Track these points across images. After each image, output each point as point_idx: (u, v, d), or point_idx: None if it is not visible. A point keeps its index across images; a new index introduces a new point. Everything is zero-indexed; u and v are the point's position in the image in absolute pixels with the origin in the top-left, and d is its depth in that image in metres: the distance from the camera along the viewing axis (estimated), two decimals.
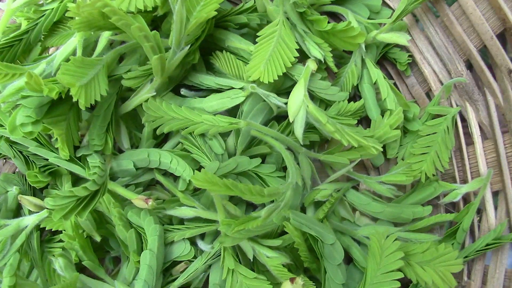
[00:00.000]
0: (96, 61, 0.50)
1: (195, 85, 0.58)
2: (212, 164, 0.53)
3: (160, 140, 0.59)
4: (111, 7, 0.44)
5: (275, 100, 0.54)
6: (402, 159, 0.59)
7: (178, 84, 0.58)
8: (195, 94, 0.58)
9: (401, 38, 0.55)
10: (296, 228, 0.51)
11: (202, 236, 0.56)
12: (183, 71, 0.57)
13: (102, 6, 0.44)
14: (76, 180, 0.56)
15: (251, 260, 0.53)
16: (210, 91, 0.57)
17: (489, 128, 0.56)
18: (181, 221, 0.56)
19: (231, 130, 0.55)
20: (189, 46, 0.52)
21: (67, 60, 0.50)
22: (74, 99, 0.45)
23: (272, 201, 0.49)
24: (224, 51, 0.57)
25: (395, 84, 0.63)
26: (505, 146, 0.55)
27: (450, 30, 0.58)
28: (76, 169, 0.52)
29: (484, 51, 0.56)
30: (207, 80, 0.57)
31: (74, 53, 0.54)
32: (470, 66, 0.58)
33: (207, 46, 0.59)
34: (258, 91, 0.54)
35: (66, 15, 0.50)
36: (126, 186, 0.56)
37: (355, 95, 0.62)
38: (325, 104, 0.59)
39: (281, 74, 0.53)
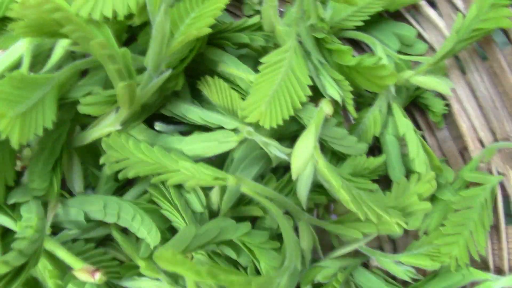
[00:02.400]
0: (43, 79, 0.37)
1: (175, 117, 0.45)
2: (186, 230, 0.40)
3: (124, 183, 0.46)
4: (63, 13, 0.32)
5: (276, 151, 0.42)
6: (425, 233, 0.47)
7: (154, 114, 0.45)
8: (174, 129, 0.45)
9: (442, 85, 0.44)
10: None
11: None
12: (161, 98, 0.44)
13: (51, 9, 0.32)
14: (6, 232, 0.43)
15: None
16: (194, 126, 0.45)
17: None
18: None
19: None
20: (170, 70, 0.39)
21: (2, 75, 0.37)
22: (3, 136, 0.32)
23: None
24: (215, 77, 0.44)
25: (423, 136, 0.51)
26: None
27: (500, 78, 0.46)
28: (4, 221, 0.39)
29: None
30: (191, 112, 0.44)
31: (19, 63, 0.40)
32: None
33: (195, 67, 0.46)
34: (255, 138, 0.41)
35: (8, 15, 0.37)
36: (74, 241, 0.43)
37: (372, 147, 0.50)
38: (336, 156, 0.47)
39: (287, 118, 0.41)
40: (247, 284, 0.34)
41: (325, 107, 0.43)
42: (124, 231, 0.44)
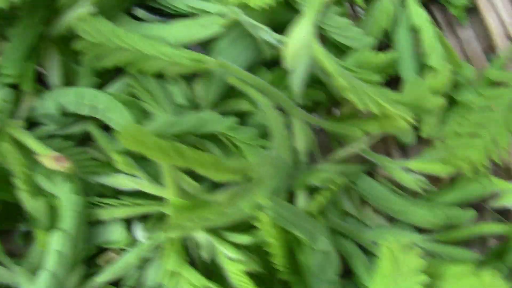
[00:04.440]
0: None
1: (160, 7, 0.41)
2: (161, 117, 0.36)
3: (108, 81, 0.42)
4: None
5: (267, 35, 0.38)
6: (442, 142, 0.42)
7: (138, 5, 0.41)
8: (159, 20, 0.41)
9: None
10: (274, 223, 0.34)
11: (145, 218, 0.40)
12: None
13: None
14: None
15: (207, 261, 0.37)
16: (180, 17, 0.41)
17: None
18: (117, 194, 0.40)
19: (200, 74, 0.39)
20: None
21: None
22: None
23: None
24: None
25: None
26: None
27: None
28: None
29: None
30: (177, 1, 0.40)
31: None
32: None
33: None
34: (243, 20, 0.37)
35: None
36: (50, 137, 0.40)
37: (386, 47, 0.44)
38: (341, 52, 0.42)
39: None
40: (218, 162, 0.30)
41: None
42: (106, 129, 0.41)
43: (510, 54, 0.41)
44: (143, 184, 0.38)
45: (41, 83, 0.41)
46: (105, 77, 0.41)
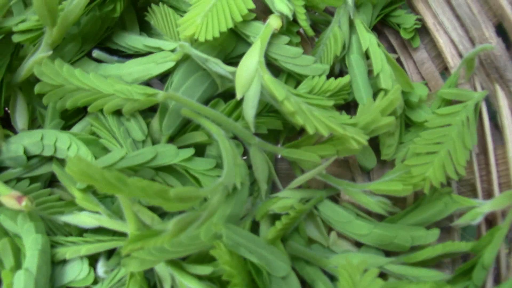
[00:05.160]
0: None
1: (121, 49, 0.43)
2: (116, 151, 0.37)
3: (73, 122, 0.43)
4: None
5: (216, 67, 0.39)
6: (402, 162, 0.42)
7: (98, 48, 0.43)
8: (117, 59, 0.42)
9: None
10: (231, 251, 0.35)
11: (110, 254, 0.40)
12: (105, 29, 0.42)
13: None
14: None
15: None
16: (139, 56, 0.42)
17: None
18: (83, 232, 0.41)
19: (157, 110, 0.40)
20: None
21: None
22: None
23: None
24: (160, 3, 0.42)
25: (398, 60, 0.46)
26: None
27: None
28: None
29: None
30: (135, 41, 0.42)
31: None
32: (502, 31, 0.40)
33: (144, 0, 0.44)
34: (191, 53, 0.38)
35: None
36: (18, 180, 0.41)
37: (341, 73, 0.45)
38: (295, 80, 0.43)
39: (225, 29, 0.38)
40: (164, 192, 0.30)
41: (273, 22, 0.40)
42: None
43: (461, 71, 0.42)
44: (104, 220, 0.38)
45: (11, 127, 0.43)
46: (72, 118, 0.43)
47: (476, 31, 0.41)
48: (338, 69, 0.44)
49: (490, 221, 0.41)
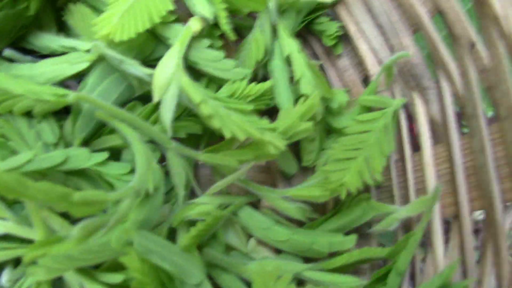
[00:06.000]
0: None
1: (36, 49, 0.41)
2: (25, 155, 0.35)
3: None
4: None
5: (132, 69, 0.38)
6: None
7: (11, 47, 0.41)
8: (30, 59, 0.41)
9: None
10: (143, 258, 0.33)
11: (18, 263, 0.38)
12: (19, 27, 0.40)
13: None
14: None
15: None
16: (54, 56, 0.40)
17: (443, 127, 0.39)
18: None
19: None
20: None
21: None
22: None
23: None
24: (78, 3, 0.41)
25: (321, 66, 0.47)
26: (462, 152, 0.38)
27: None
28: None
29: (440, 19, 0.40)
30: (50, 41, 0.40)
31: None
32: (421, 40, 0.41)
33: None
34: (106, 54, 0.37)
35: None
36: None
37: (265, 78, 0.45)
38: (217, 85, 0.42)
39: (142, 30, 0.37)
40: (66, 195, 0.29)
41: (193, 24, 0.39)
42: None
43: (381, 80, 0.42)
44: (11, 227, 0.37)
45: None
46: None
47: (394, 39, 0.41)
48: (262, 75, 0.44)
49: (408, 227, 0.41)
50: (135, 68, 0.37)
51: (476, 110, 0.37)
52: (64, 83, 0.40)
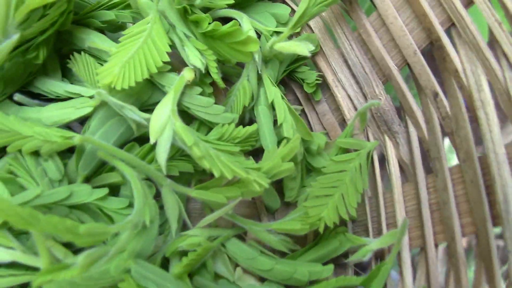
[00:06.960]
0: None
1: (43, 94, 0.45)
2: (31, 190, 0.39)
3: None
4: None
5: (131, 113, 0.42)
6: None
7: (20, 92, 0.45)
8: (38, 103, 0.45)
9: (301, 47, 0.44)
10: (139, 285, 0.37)
11: None
12: (27, 74, 0.45)
13: None
14: None
15: None
16: (59, 101, 0.45)
17: (411, 167, 0.44)
18: None
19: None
20: (19, 33, 0.40)
21: None
22: None
23: None
24: (82, 53, 0.45)
25: (303, 111, 0.51)
26: (428, 190, 0.42)
27: (368, 45, 0.46)
28: None
29: (408, 71, 0.45)
30: (57, 87, 0.45)
31: None
32: (391, 89, 0.46)
33: (65, 46, 0.47)
34: (108, 100, 0.41)
35: None
36: None
37: (251, 121, 0.49)
38: (207, 128, 0.46)
39: (141, 79, 0.41)
40: (73, 228, 0.33)
41: (186, 74, 0.43)
42: None
43: (356, 124, 0.47)
44: (18, 255, 0.40)
45: None
46: None
47: (368, 88, 0.46)
48: (248, 118, 0.48)
49: (381, 258, 0.45)
50: (134, 112, 0.42)
51: (439, 153, 0.41)
52: (68, 124, 0.44)
